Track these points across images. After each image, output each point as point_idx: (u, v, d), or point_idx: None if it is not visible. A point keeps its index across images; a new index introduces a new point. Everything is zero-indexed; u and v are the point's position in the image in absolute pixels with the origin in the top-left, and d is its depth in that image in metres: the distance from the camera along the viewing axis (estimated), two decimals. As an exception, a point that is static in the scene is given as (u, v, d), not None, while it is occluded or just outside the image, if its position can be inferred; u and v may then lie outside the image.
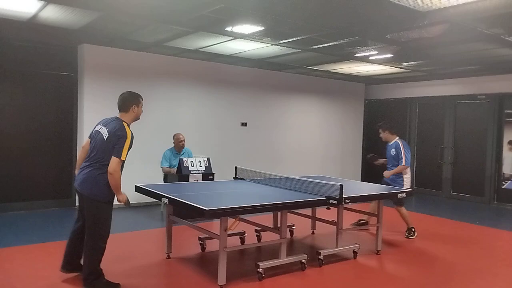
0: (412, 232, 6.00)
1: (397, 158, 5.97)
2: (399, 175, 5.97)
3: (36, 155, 7.10)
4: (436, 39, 6.00)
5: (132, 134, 3.70)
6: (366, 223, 6.21)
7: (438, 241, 5.88)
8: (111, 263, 4.12)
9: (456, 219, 7.46)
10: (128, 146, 3.63)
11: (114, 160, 3.57)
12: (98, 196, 3.67)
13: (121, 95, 3.93)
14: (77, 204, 4.17)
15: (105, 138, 3.67)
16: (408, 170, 6.01)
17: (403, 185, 5.92)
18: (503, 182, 9.11)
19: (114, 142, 3.61)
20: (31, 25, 5.74)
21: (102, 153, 3.66)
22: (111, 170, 3.57)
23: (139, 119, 3.95)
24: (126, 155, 3.64)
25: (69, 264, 3.95)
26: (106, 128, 3.72)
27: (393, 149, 6.04)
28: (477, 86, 9.52)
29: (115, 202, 3.76)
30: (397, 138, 6.14)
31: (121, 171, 3.71)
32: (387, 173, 6.08)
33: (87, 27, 5.83)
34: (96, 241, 3.73)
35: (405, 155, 5.90)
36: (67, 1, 4.69)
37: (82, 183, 3.71)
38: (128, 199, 3.81)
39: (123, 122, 3.75)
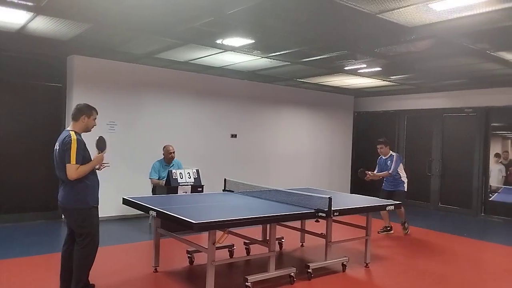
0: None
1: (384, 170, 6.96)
2: (400, 180, 6.92)
3: (23, 167, 6.99)
4: (423, 54, 6.10)
5: (77, 138, 3.73)
6: (391, 228, 7.02)
7: (426, 254, 5.90)
8: (98, 277, 4.05)
9: (444, 231, 7.50)
10: (75, 150, 3.65)
11: (68, 167, 3.63)
12: (77, 204, 3.71)
13: (77, 105, 4.02)
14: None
15: (58, 151, 3.77)
16: (404, 174, 6.99)
17: (404, 186, 6.93)
18: (490, 195, 9.21)
19: (63, 151, 3.69)
20: (20, 36, 5.71)
21: (61, 166, 3.71)
22: (70, 177, 3.63)
23: (89, 130, 3.96)
24: (77, 159, 3.65)
25: (66, 281, 3.88)
26: (58, 142, 3.83)
27: (389, 161, 6.86)
28: (464, 99, 9.67)
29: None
30: (390, 152, 7.01)
31: (94, 176, 3.82)
32: (374, 174, 6.91)
33: (76, 38, 5.81)
34: (85, 252, 3.71)
35: (395, 165, 6.82)
36: (56, 12, 4.68)
37: (61, 197, 3.78)
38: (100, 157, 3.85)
39: (70, 131, 3.81)
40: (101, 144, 3.95)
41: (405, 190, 6.98)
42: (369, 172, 6.85)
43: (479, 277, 5.02)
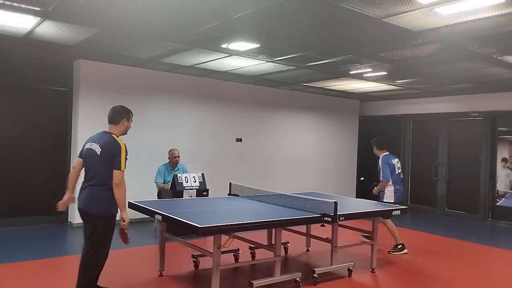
0: (398, 249, 5.99)
1: (379, 174, 6.17)
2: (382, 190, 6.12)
3: (29, 171, 7.04)
4: (429, 58, 6.08)
5: (125, 144, 3.73)
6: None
7: (433, 259, 5.85)
8: (104, 281, 4.05)
9: (450, 237, 7.44)
10: (124, 156, 3.67)
11: (116, 173, 3.60)
12: (103, 211, 3.68)
13: (113, 107, 3.95)
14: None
15: (99, 153, 3.67)
16: (390, 184, 6.07)
17: (385, 195, 6.06)
18: (497, 200, 9.13)
19: (110, 156, 3.63)
20: (27, 40, 5.75)
21: (99, 169, 3.66)
22: (117, 182, 3.60)
23: (126, 133, 3.93)
24: (125, 165, 3.66)
25: None
26: (98, 144, 3.72)
27: (378, 165, 6.19)
28: (470, 104, 9.62)
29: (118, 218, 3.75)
30: (384, 153, 6.23)
31: None
32: (375, 190, 6.24)
33: (83, 43, 5.85)
34: (97, 257, 3.70)
35: (382, 170, 6.06)
36: (63, 17, 4.72)
37: (86, 201, 3.71)
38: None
39: (113, 135, 3.77)
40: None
41: (390, 200, 5.98)
42: (375, 188, 6.24)
43: (486, 283, 4.97)
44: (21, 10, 4.47)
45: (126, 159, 3.68)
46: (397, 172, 6.18)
